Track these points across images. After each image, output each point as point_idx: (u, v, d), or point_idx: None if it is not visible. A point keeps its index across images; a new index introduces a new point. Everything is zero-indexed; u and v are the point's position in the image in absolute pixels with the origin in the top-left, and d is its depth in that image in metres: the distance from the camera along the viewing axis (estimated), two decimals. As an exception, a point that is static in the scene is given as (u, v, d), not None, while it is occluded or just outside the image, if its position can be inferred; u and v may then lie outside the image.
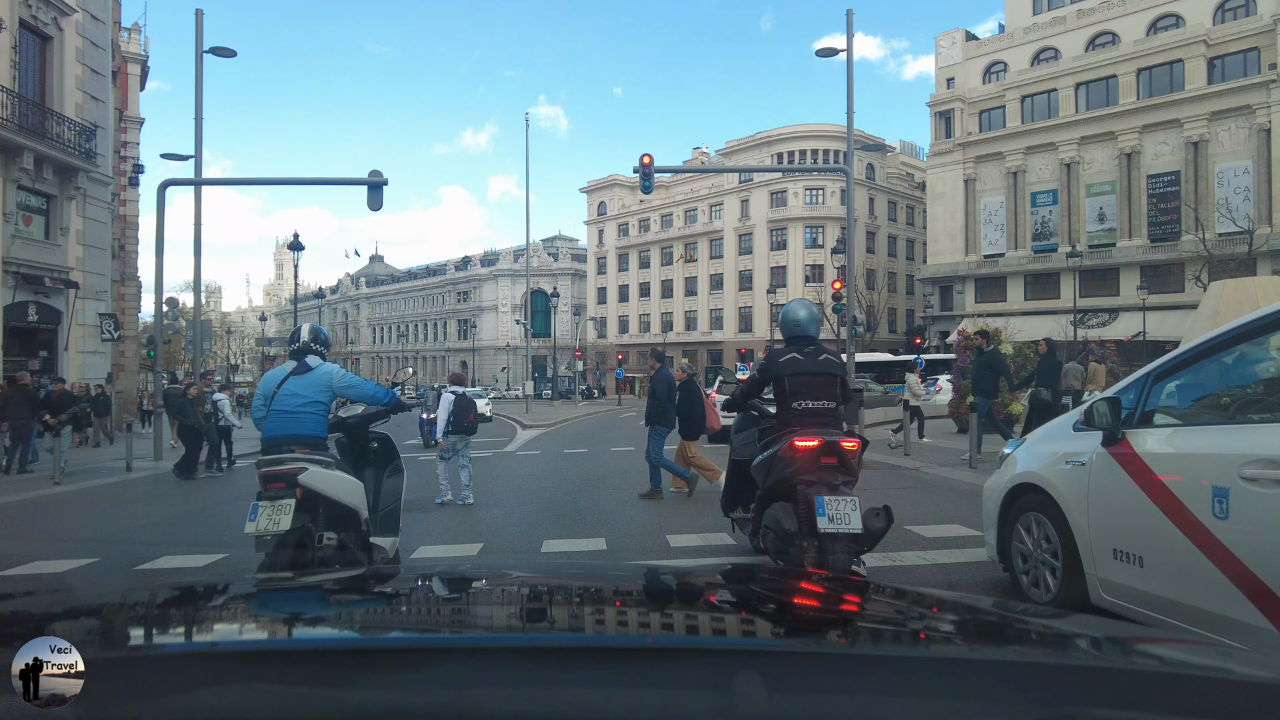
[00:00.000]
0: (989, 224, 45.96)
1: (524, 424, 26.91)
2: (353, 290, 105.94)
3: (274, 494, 4.47)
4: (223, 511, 9.59)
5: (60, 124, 18.91)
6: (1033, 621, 1.47)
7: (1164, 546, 3.32)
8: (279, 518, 4.38)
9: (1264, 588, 2.83)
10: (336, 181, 23.10)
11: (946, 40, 49.09)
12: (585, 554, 6.57)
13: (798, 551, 4.40)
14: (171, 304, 37.75)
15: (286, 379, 4.88)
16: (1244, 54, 38.10)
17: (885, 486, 9.53)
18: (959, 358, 17.96)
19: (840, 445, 4.55)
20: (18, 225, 18.21)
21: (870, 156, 57.07)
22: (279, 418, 4.79)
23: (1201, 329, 8.83)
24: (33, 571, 6.50)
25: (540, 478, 11.95)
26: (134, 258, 33.64)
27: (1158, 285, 37.85)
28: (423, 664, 0.98)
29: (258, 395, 5.09)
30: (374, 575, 2.24)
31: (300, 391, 4.82)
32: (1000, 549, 4.68)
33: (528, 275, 40.71)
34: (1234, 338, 3.37)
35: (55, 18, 19.09)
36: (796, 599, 1.64)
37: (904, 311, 59.75)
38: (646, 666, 0.99)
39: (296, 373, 4.89)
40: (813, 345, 4.95)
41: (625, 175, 66.09)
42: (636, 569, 3.32)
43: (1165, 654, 1.25)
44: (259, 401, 5.01)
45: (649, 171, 18.08)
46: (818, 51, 20.29)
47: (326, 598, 1.59)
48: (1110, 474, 3.65)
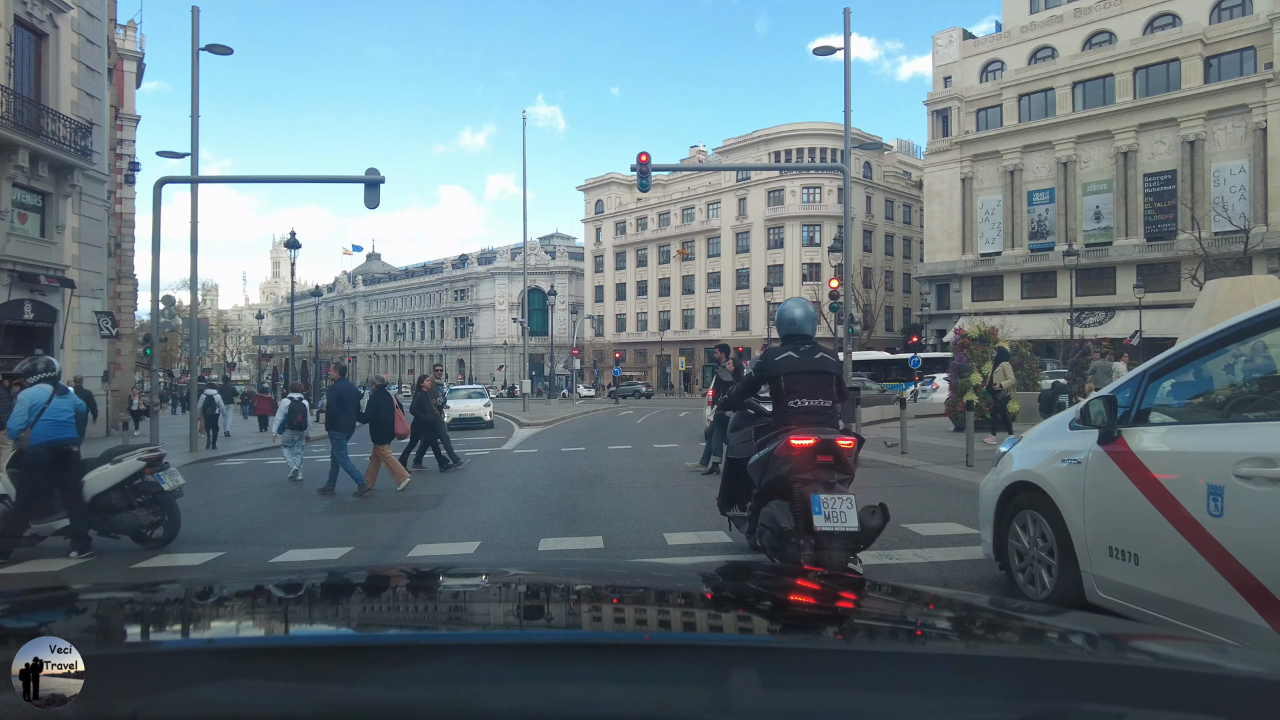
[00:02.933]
0: (986, 222, 46.03)
1: (521, 422, 26.88)
2: (350, 288, 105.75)
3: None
4: (219, 509, 9.59)
5: (56, 121, 18.86)
6: (1028, 618, 1.47)
7: (1159, 544, 3.33)
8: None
9: (1258, 585, 2.85)
10: (334, 180, 23.09)
11: (944, 39, 49.12)
12: (582, 552, 6.58)
13: (794, 549, 4.41)
14: (168, 302, 37.65)
15: (53, 398, 6.70)
16: (1240, 53, 38.20)
17: (881, 484, 9.54)
18: (956, 356, 18.00)
19: (836, 443, 4.55)
20: (13, 223, 18.16)
21: (867, 155, 57.10)
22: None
23: (1197, 328, 8.86)
24: (30, 570, 6.49)
25: (538, 476, 11.95)
26: (130, 256, 33.57)
27: (1154, 284, 37.95)
28: (420, 660, 0.99)
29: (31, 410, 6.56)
30: (373, 572, 2.24)
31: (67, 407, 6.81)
32: (996, 547, 4.69)
33: (525, 273, 40.59)
34: (1229, 336, 3.38)
35: (51, 14, 19.03)
36: (792, 596, 1.64)
37: (901, 310, 59.81)
38: (643, 662, 0.99)
39: (60, 393, 6.83)
40: (809, 344, 4.96)
41: (623, 173, 66.09)
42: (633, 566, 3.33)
43: (1159, 650, 1.26)
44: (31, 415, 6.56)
45: (646, 169, 18.07)
46: (815, 50, 20.33)
47: (324, 594, 1.59)
48: (1106, 472, 3.67)
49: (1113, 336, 31.00)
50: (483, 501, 9.49)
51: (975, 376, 16.79)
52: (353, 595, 1.62)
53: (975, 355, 17.19)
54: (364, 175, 17.58)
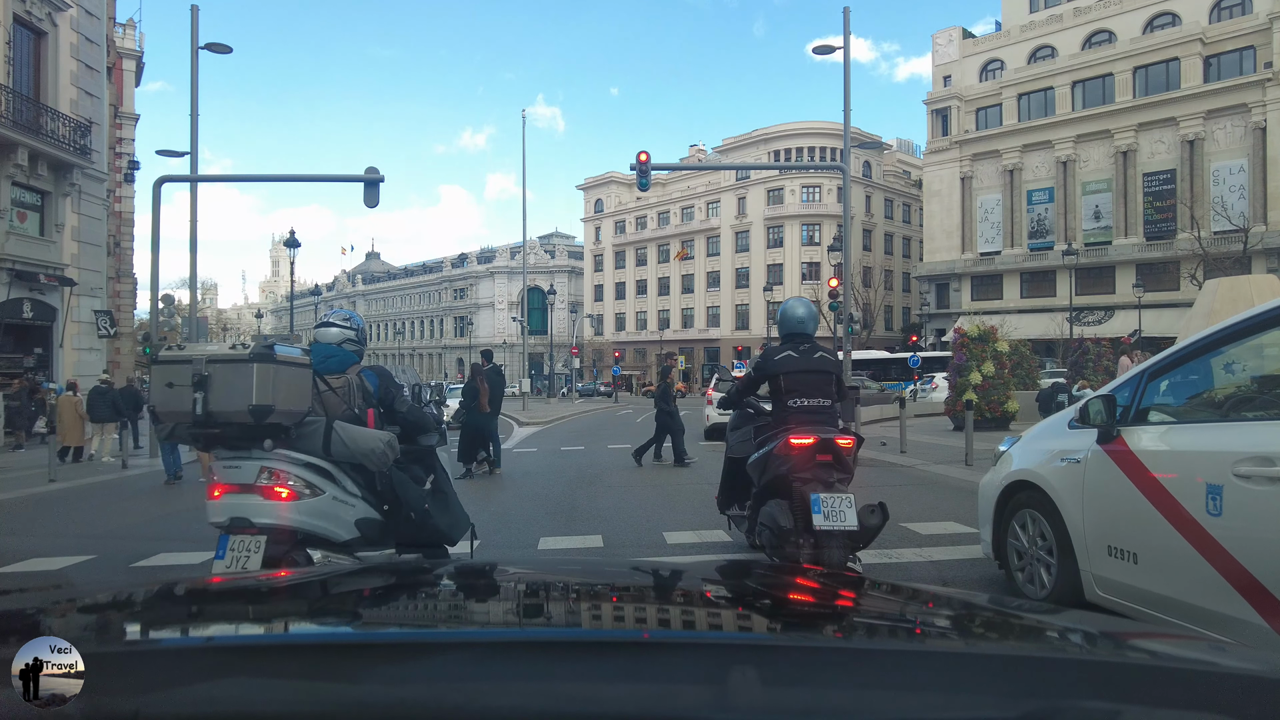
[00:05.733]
0: (985, 222, 46.02)
1: (520, 421, 26.88)
2: (349, 287, 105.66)
3: None
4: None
5: (55, 120, 18.83)
6: (1027, 617, 1.47)
7: (1158, 543, 3.33)
8: None
9: (1257, 584, 2.85)
10: (333, 178, 23.10)
11: (943, 38, 49.09)
12: (582, 551, 6.58)
13: (793, 548, 4.42)
14: (167, 301, 37.65)
15: None
16: (1240, 52, 38.20)
17: (881, 484, 9.55)
18: (955, 355, 18.01)
19: (836, 442, 4.56)
20: (12, 222, 18.14)
21: (867, 154, 57.11)
22: None
23: (1197, 327, 8.87)
24: (30, 569, 6.49)
25: (537, 475, 11.95)
26: (129, 254, 33.58)
27: (1153, 283, 37.95)
28: (420, 658, 0.99)
29: None
30: (372, 570, 2.25)
31: None
32: (995, 546, 4.69)
33: (524, 272, 40.54)
34: (1228, 336, 3.38)
35: (50, 13, 19.00)
36: (792, 594, 1.64)
37: (900, 309, 59.81)
38: (643, 660, 0.99)
39: None
40: (808, 343, 4.96)
41: (622, 172, 66.06)
42: (633, 565, 3.33)
43: (1157, 648, 1.26)
44: None
45: (645, 168, 18.05)
46: (814, 49, 20.32)
47: (324, 592, 1.60)
48: (1105, 471, 3.67)
49: (1112, 336, 31.05)
50: (482, 500, 9.48)
51: (974, 376, 16.86)
52: (353, 593, 1.62)
53: (975, 355, 17.22)
54: (363, 174, 17.58)
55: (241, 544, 3.70)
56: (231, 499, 3.76)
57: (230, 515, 3.73)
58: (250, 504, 3.74)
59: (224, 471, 3.81)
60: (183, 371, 3.57)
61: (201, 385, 3.52)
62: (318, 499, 3.87)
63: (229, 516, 3.74)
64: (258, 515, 3.72)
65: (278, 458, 3.78)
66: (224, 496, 3.78)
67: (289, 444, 3.81)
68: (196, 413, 3.54)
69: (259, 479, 3.76)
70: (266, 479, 3.77)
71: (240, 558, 3.68)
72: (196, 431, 3.69)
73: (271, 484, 3.77)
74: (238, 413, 3.55)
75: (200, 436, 3.74)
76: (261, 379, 3.55)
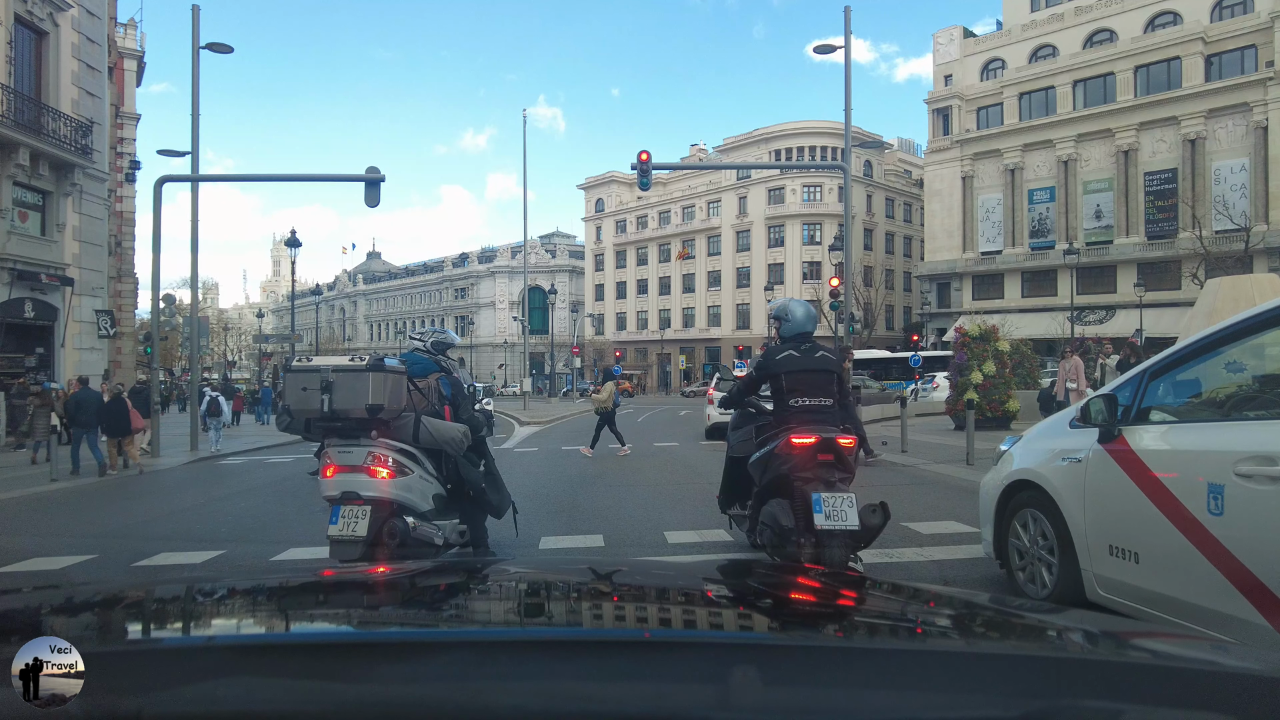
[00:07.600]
0: (986, 221, 45.99)
1: (521, 421, 26.87)
2: (350, 287, 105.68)
3: None
4: (220, 507, 9.59)
5: (56, 120, 18.84)
6: (1028, 616, 1.47)
7: (1159, 543, 3.33)
8: None
9: (1258, 583, 2.85)
10: (333, 178, 23.11)
11: (944, 37, 49.06)
12: (583, 550, 6.58)
13: (795, 548, 4.42)
14: (168, 301, 37.68)
15: None
16: (1241, 51, 38.17)
17: (882, 483, 9.54)
18: (956, 355, 18.00)
19: (837, 442, 4.55)
20: (14, 222, 18.15)
21: (868, 153, 57.06)
22: None
23: (1198, 326, 8.86)
24: (32, 568, 6.50)
25: (538, 474, 11.94)
26: (130, 254, 33.61)
27: (1154, 282, 37.93)
28: (422, 657, 0.99)
29: None
30: (374, 569, 2.25)
31: None
32: (997, 545, 4.69)
33: (525, 272, 40.56)
34: (1230, 335, 3.37)
35: (51, 13, 19.01)
36: (793, 593, 1.64)
37: (901, 308, 59.78)
38: (644, 659, 0.99)
39: None
40: (809, 342, 4.95)
41: (623, 172, 66.02)
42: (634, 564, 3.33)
43: (1158, 648, 1.26)
44: None
45: (646, 168, 18.04)
46: (815, 49, 20.31)
47: (326, 591, 1.60)
48: (1106, 471, 3.67)
49: (1113, 335, 31.01)
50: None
51: (975, 375, 16.85)
52: (355, 592, 1.62)
53: (976, 354, 17.21)
54: (364, 174, 17.58)
55: (351, 512, 4.62)
56: (343, 477, 4.69)
57: (342, 489, 4.66)
58: (359, 480, 4.66)
59: (338, 455, 4.72)
60: (313, 378, 4.56)
61: (328, 389, 4.52)
62: (408, 477, 4.83)
63: (341, 490, 4.66)
64: (364, 489, 4.64)
65: (380, 444, 4.72)
66: (336, 475, 4.70)
67: (387, 434, 4.76)
68: (324, 410, 4.54)
69: (366, 461, 4.67)
70: (371, 461, 4.69)
71: (350, 523, 4.60)
72: (323, 424, 4.67)
73: (375, 465, 4.69)
74: (356, 410, 4.56)
75: (325, 428, 4.72)
76: (376, 384, 4.57)
